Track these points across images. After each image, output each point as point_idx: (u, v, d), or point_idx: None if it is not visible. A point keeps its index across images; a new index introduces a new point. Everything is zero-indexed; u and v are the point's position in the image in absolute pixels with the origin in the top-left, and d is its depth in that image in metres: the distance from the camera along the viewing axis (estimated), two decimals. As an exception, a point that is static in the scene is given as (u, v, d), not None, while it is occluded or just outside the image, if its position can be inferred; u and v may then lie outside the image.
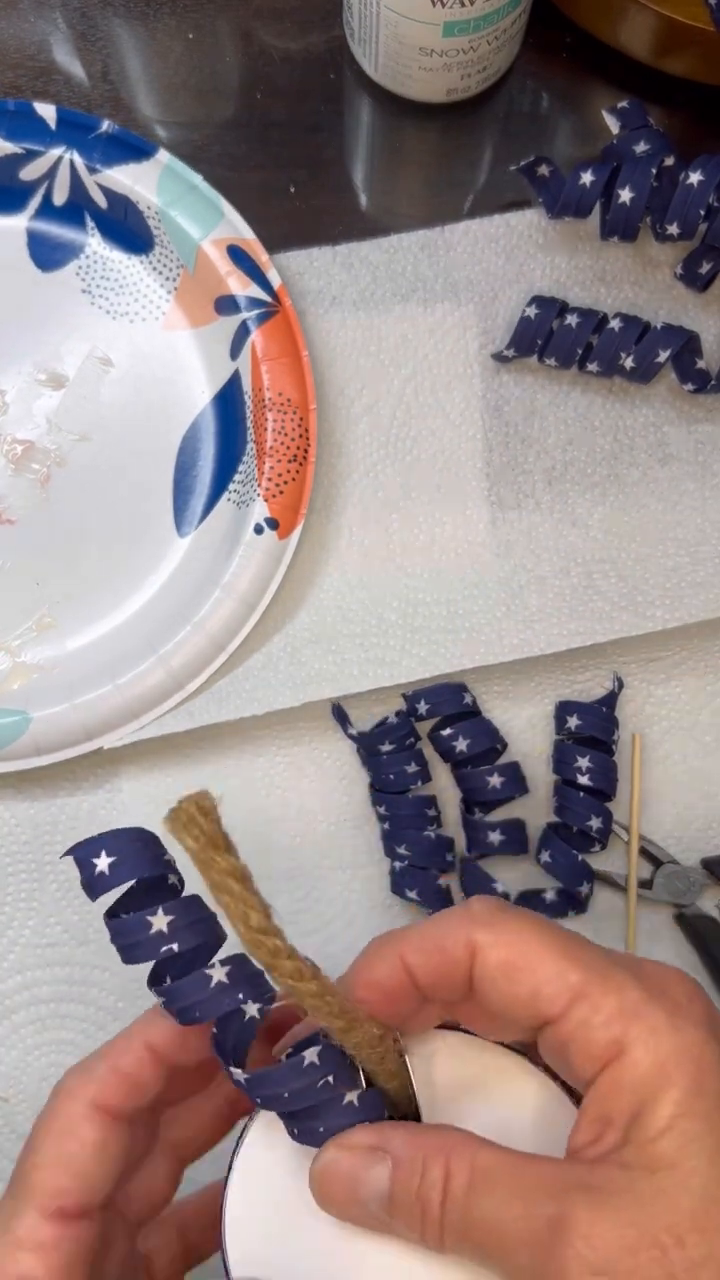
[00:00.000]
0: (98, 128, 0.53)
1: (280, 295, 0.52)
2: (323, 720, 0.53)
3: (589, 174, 0.51)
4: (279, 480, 0.51)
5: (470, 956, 0.33)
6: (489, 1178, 0.32)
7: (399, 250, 0.55)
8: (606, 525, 0.53)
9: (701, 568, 0.53)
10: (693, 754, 0.53)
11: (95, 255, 0.54)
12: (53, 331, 0.54)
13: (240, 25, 0.58)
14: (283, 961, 0.31)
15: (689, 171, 0.49)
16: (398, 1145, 0.33)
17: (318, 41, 0.58)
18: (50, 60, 0.58)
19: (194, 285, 0.53)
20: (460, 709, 0.52)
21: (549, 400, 0.54)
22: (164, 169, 0.53)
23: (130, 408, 0.54)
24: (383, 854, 0.52)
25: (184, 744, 0.52)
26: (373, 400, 0.54)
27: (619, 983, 0.32)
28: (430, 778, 0.52)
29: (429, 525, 0.53)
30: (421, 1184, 0.32)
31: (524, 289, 0.54)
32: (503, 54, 0.55)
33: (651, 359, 0.52)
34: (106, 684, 0.50)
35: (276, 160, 0.57)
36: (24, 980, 0.51)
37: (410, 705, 0.52)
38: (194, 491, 0.53)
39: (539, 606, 0.53)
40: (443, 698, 0.52)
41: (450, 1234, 0.32)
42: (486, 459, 0.54)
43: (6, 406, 0.53)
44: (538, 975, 0.32)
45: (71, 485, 0.53)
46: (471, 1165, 0.32)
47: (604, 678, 0.53)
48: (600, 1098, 0.32)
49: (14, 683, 0.52)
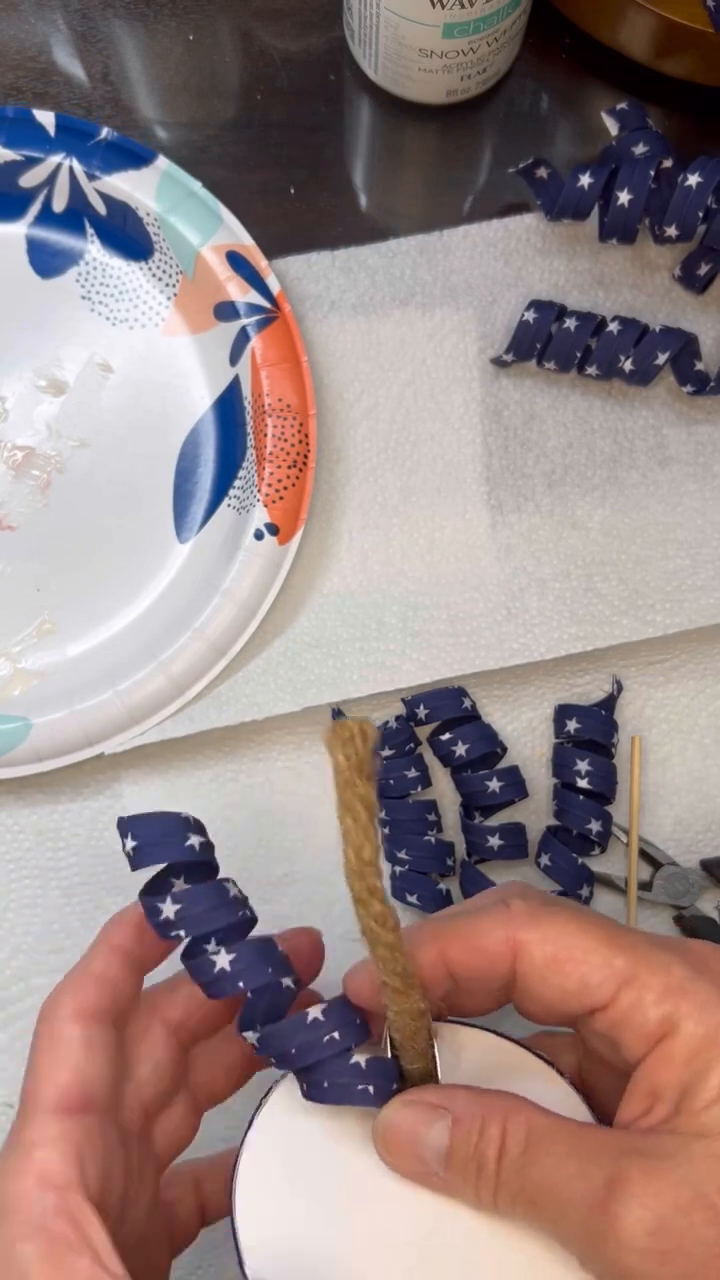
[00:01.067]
0: (97, 134, 0.53)
1: (279, 301, 0.52)
2: (322, 725, 0.53)
3: (587, 176, 0.51)
4: (279, 486, 0.51)
5: (513, 954, 0.35)
6: (545, 1139, 0.33)
7: (397, 255, 0.54)
8: (607, 528, 0.54)
9: (702, 570, 0.53)
10: (692, 756, 0.53)
11: (95, 262, 0.55)
12: (52, 338, 0.54)
13: (240, 26, 0.58)
14: (375, 902, 0.32)
15: (687, 173, 0.49)
16: (459, 1103, 0.35)
17: (318, 43, 0.58)
18: (50, 61, 0.58)
19: (193, 291, 0.53)
20: (459, 713, 0.52)
21: (548, 404, 0.54)
22: (163, 175, 0.53)
23: (130, 414, 0.54)
24: (383, 859, 0.52)
25: (185, 749, 0.52)
26: (372, 405, 0.54)
27: (664, 963, 0.33)
28: (430, 782, 0.52)
29: (429, 529, 0.53)
30: (480, 1141, 0.33)
31: (522, 293, 0.54)
32: (502, 55, 0.55)
33: (650, 361, 0.52)
34: (107, 690, 0.51)
35: (276, 161, 0.57)
36: (27, 987, 0.51)
37: (410, 710, 0.52)
38: (194, 497, 0.54)
39: (539, 610, 0.53)
40: (442, 702, 0.52)
41: (504, 1191, 0.33)
42: (486, 463, 0.54)
43: (7, 413, 0.54)
44: (584, 967, 0.34)
45: (72, 491, 0.53)
46: (529, 1126, 0.33)
47: (604, 681, 0.54)
48: (650, 1073, 0.33)
49: (15, 689, 0.52)
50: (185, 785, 0.52)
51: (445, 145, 0.58)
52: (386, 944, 0.33)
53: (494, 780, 0.51)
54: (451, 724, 0.52)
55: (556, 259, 0.55)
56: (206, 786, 0.52)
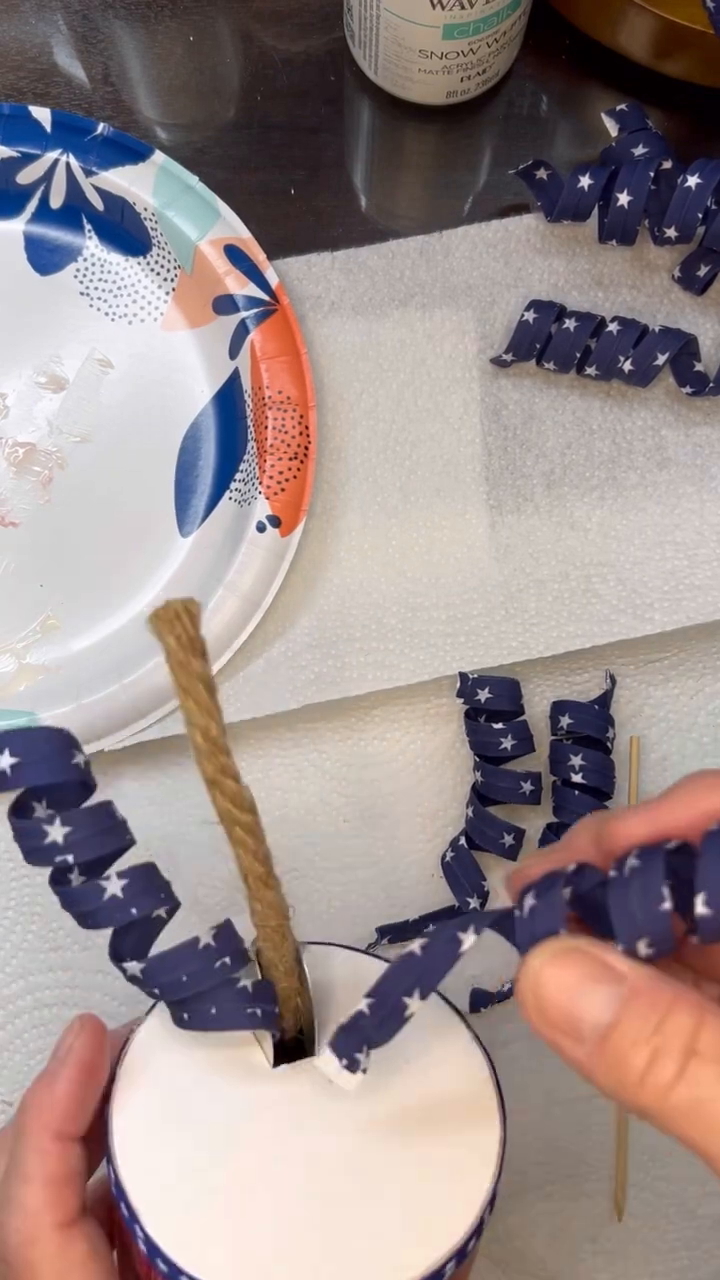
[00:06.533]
0: (93, 130, 0.53)
1: (278, 294, 0.52)
2: (321, 723, 0.53)
3: (587, 177, 0.51)
4: (280, 478, 0.51)
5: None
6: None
7: (397, 255, 0.55)
8: (605, 529, 0.54)
9: (700, 570, 0.53)
10: (691, 755, 0.53)
11: (93, 258, 0.55)
12: (52, 334, 0.54)
13: (241, 27, 0.58)
14: (228, 781, 0.31)
15: (687, 174, 0.49)
16: (640, 976, 0.28)
17: (318, 44, 0.58)
18: (51, 62, 0.58)
19: (192, 285, 0.54)
20: (515, 707, 0.52)
21: (547, 404, 0.54)
22: (159, 170, 0.53)
23: (130, 409, 0.54)
24: (381, 855, 0.52)
25: (184, 746, 0.52)
26: (372, 405, 0.54)
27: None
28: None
29: (428, 529, 0.53)
30: (664, 1024, 0.27)
31: (522, 293, 0.54)
32: (502, 56, 0.55)
33: (650, 362, 0.52)
34: (113, 684, 0.50)
35: (276, 162, 0.57)
36: (27, 985, 0.51)
37: (470, 688, 0.52)
38: (195, 491, 0.53)
39: (538, 610, 0.53)
40: (502, 691, 0.52)
41: (672, 1101, 0.26)
42: (485, 463, 0.54)
43: (7, 410, 0.54)
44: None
45: (73, 487, 0.53)
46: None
47: (602, 679, 0.54)
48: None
49: (20, 684, 0.52)
50: (186, 782, 0.52)
51: (445, 146, 0.58)
52: (244, 825, 0.32)
53: (527, 783, 0.51)
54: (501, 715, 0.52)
55: (556, 260, 0.55)
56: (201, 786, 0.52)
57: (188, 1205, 0.33)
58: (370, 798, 0.53)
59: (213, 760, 0.31)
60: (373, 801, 0.53)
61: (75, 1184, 0.35)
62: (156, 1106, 0.35)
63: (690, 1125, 0.26)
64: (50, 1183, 0.34)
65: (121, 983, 0.51)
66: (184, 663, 0.29)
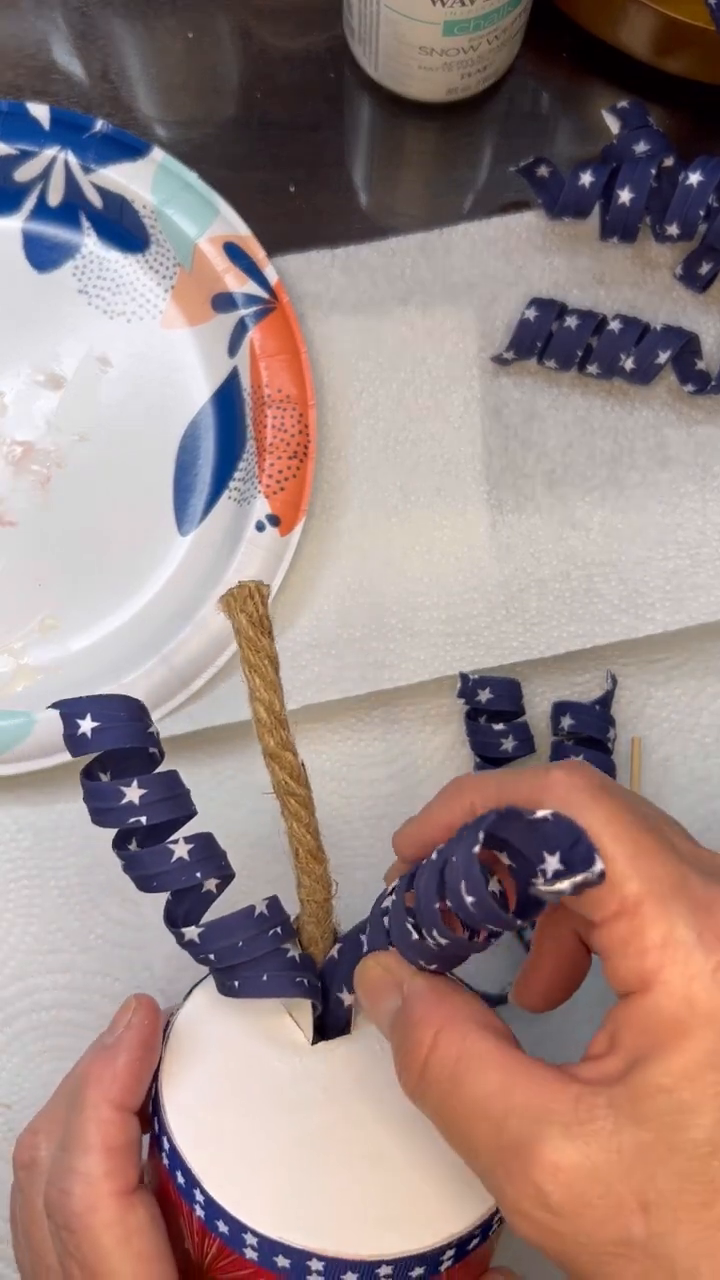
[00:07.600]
0: (91, 127, 0.53)
1: (278, 291, 0.52)
2: (319, 723, 0.53)
3: (588, 175, 0.51)
4: (280, 477, 0.51)
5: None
6: (475, 1066, 0.31)
7: (397, 253, 0.54)
8: (606, 528, 0.53)
9: (702, 570, 0.53)
10: (693, 756, 0.53)
11: (91, 255, 0.54)
12: (50, 332, 0.54)
13: (240, 24, 0.58)
14: (287, 755, 0.33)
15: (688, 172, 0.49)
16: (416, 988, 0.34)
17: (318, 41, 0.58)
18: (50, 59, 0.58)
19: (191, 283, 0.53)
20: (516, 708, 0.52)
21: (548, 403, 0.54)
22: (158, 167, 0.53)
23: (129, 407, 0.54)
24: (381, 855, 0.52)
25: (184, 746, 0.52)
26: (372, 404, 0.54)
27: (674, 913, 0.30)
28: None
29: (429, 529, 0.53)
30: (408, 1040, 0.33)
31: (523, 291, 0.54)
32: (503, 53, 0.55)
33: (651, 360, 0.51)
34: (111, 684, 0.50)
35: (276, 160, 0.57)
36: (25, 987, 0.51)
37: (471, 688, 0.52)
38: (194, 490, 0.53)
39: (539, 609, 0.52)
40: (503, 691, 0.52)
41: (431, 1090, 0.32)
42: (486, 462, 0.54)
43: (5, 408, 0.53)
44: None
45: (72, 486, 0.53)
46: (460, 1050, 0.32)
47: (603, 679, 0.53)
48: (616, 1018, 0.30)
49: (18, 685, 0.51)
50: (185, 782, 0.52)
51: (445, 143, 0.58)
52: (299, 798, 0.33)
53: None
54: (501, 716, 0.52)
55: (557, 257, 0.55)
56: (206, 784, 0.52)
57: (242, 1167, 0.34)
58: (370, 798, 0.53)
59: (275, 734, 0.33)
60: (373, 801, 0.53)
61: (133, 1154, 0.36)
62: (205, 1079, 0.36)
63: (436, 1124, 0.32)
64: (111, 1152, 0.36)
65: (122, 985, 0.51)
66: (253, 640, 0.32)
